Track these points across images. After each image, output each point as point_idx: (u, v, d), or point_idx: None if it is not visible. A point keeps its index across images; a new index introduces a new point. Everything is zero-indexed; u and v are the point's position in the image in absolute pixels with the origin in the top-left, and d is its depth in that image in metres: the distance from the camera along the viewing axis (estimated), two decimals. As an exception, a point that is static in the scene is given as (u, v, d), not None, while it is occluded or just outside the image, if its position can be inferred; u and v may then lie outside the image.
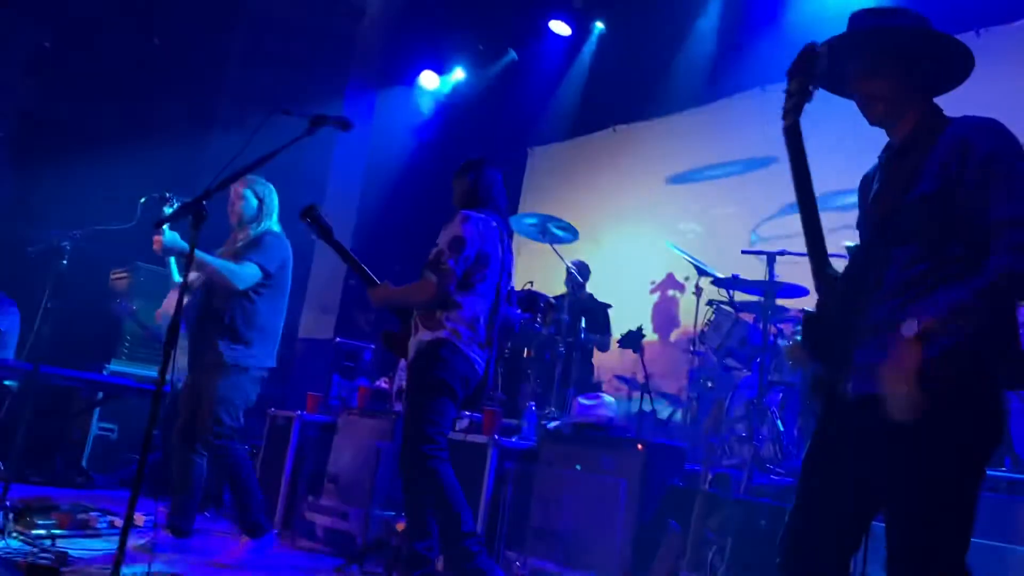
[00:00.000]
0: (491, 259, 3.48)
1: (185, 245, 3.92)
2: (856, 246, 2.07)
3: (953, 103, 2.04)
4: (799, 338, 2.13)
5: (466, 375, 3.40)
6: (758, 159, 6.72)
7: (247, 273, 3.93)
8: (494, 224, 3.54)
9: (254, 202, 4.15)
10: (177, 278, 4.20)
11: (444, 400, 3.35)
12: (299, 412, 5.14)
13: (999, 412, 1.80)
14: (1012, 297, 1.76)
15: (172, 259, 4.22)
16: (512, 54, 9.15)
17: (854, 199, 2.19)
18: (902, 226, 1.89)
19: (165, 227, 3.86)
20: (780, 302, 4.87)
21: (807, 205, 1.97)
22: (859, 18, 2.01)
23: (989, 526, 2.66)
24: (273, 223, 4.18)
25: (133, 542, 2.94)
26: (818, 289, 2.00)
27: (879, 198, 2.00)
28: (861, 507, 1.91)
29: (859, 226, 2.10)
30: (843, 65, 2.00)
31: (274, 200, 4.22)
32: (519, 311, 5.44)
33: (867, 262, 1.95)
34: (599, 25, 8.47)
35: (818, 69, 1.91)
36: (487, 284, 3.50)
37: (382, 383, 5.86)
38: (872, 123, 2.02)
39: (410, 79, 9.66)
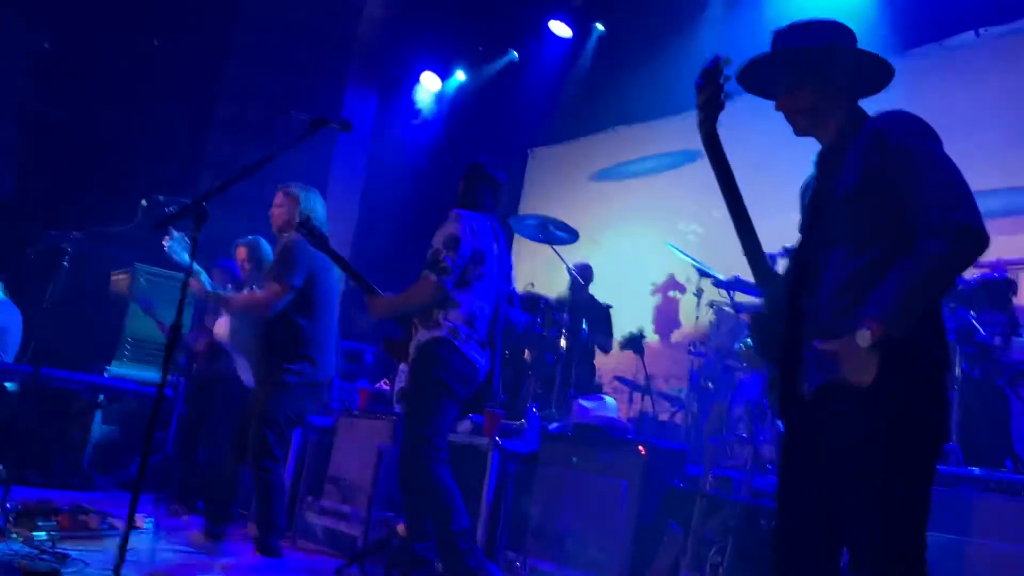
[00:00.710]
0: (487, 257, 3.48)
1: (211, 288, 4.09)
2: (795, 248, 2.11)
3: (956, 102, 2.07)
4: (750, 341, 2.18)
5: (466, 374, 3.37)
6: (759, 162, 6.71)
7: (269, 299, 3.86)
8: (486, 224, 3.54)
9: (289, 209, 4.05)
10: (207, 285, 4.15)
11: (442, 401, 3.33)
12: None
13: (940, 401, 1.84)
14: (947, 280, 1.82)
15: (204, 272, 4.18)
16: (513, 54, 9.15)
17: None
18: (832, 227, 1.95)
19: (202, 272, 4.01)
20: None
21: (737, 210, 2.05)
22: (779, 36, 2.09)
23: (993, 528, 2.66)
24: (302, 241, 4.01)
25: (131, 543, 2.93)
26: (762, 291, 2.07)
27: (812, 201, 2.09)
28: (834, 501, 1.92)
29: (800, 231, 2.15)
30: (767, 79, 2.10)
31: (312, 204, 4.07)
32: (522, 313, 5.43)
33: (805, 265, 2.01)
34: (599, 27, 8.47)
35: (725, 81, 1.96)
36: (485, 283, 3.48)
37: (383, 385, 5.86)
38: (798, 135, 2.12)
39: (410, 80, 9.66)
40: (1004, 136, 5.50)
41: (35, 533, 3.68)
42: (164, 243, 4.02)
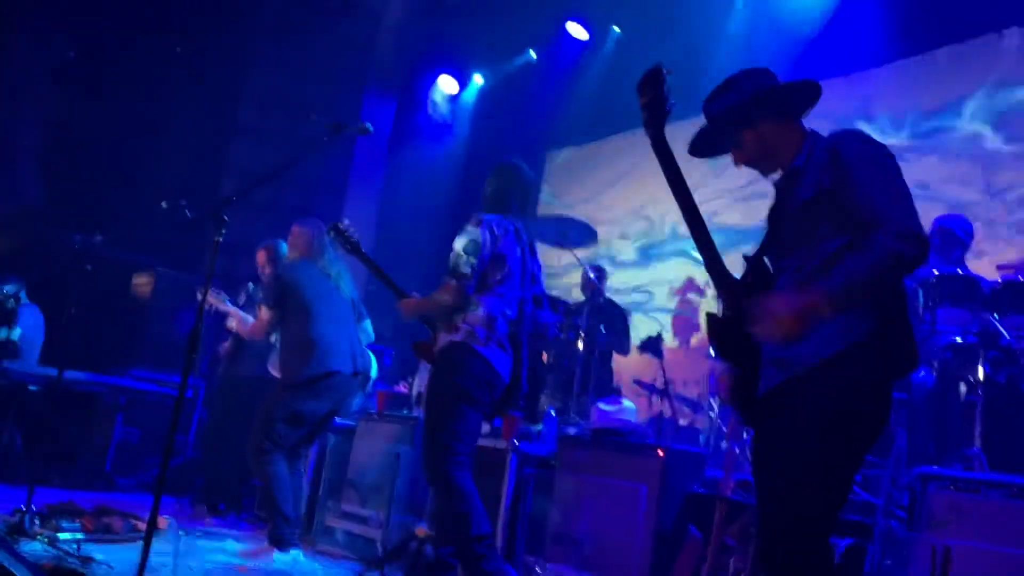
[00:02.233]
0: (507, 260, 3.45)
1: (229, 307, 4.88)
2: (752, 255, 2.21)
3: (980, 101, 2.09)
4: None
5: (486, 378, 3.32)
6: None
7: (260, 325, 4.41)
8: (509, 226, 3.50)
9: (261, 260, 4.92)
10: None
11: (460, 406, 3.29)
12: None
13: (873, 397, 1.92)
14: (890, 277, 1.88)
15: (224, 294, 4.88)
16: (531, 54, 9.15)
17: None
18: (788, 235, 2.08)
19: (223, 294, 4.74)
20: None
21: (690, 212, 2.15)
22: (707, 106, 2.25)
23: (1018, 534, 2.62)
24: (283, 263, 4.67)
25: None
26: (719, 295, 2.16)
27: (771, 214, 2.22)
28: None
29: (763, 247, 2.25)
30: (717, 145, 2.28)
31: (284, 249, 4.79)
32: (551, 314, 5.39)
33: (761, 270, 2.15)
34: (616, 29, 8.46)
35: (667, 88, 2.07)
36: (506, 285, 3.45)
37: (401, 387, 5.87)
38: (766, 176, 2.25)
39: (428, 84, 9.69)
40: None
41: (59, 535, 3.70)
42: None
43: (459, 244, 3.39)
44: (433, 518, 3.44)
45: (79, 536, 3.77)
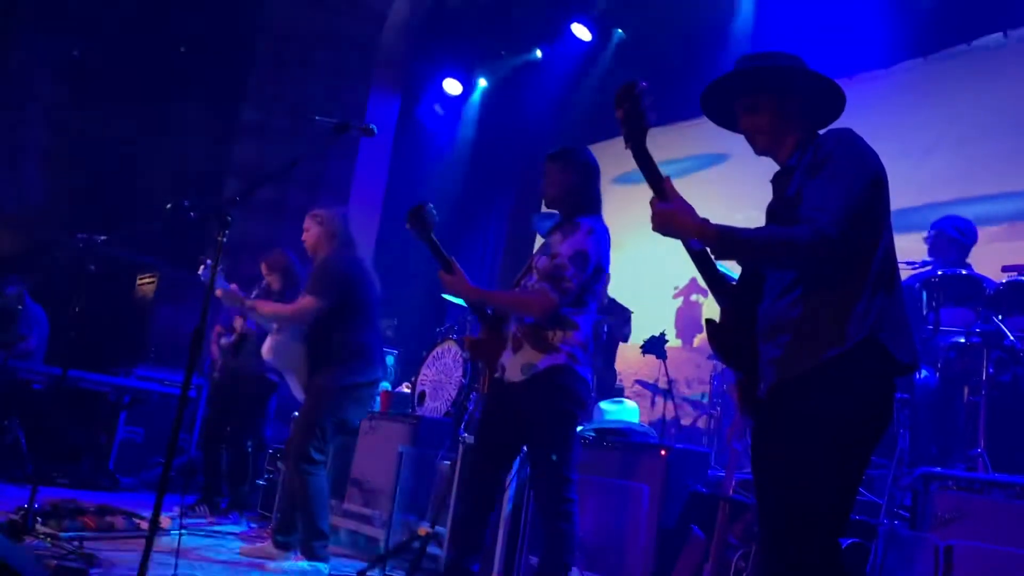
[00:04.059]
0: (603, 274, 3.22)
1: (238, 293, 4.15)
2: None
3: (983, 103, 2.08)
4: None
5: (585, 399, 3.12)
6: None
7: (300, 311, 3.96)
8: (607, 232, 3.26)
9: (315, 232, 4.14)
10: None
11: (574, 432, 3.08)
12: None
13: (873, 397, 1.92)
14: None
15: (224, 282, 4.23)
16: (536, 53, 9.14)
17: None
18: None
19: (221, 277, 4.00)
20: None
21: None
22: (741, 62, 2.21)
23: (1022, 535, 2.62)
24: (337, 248, 4.12)
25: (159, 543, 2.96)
26: (716, 298, 2.15)
27: (768, 211, 2.20)
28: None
29: None
30: (729, 102, 2.23)
31: (340, 225, 4.17)
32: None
33: (756, 272, 2.14)
34: (619, 32, 8.47)
35: (644, 103, 2.03)
36: (596, 301, 3.22)
37: (404, 388, 5.88)
38: (758, 153, 2.23)
39: (433, 85, 9.70)
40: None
41: (62, 533, 3.71)
42: (199, 273, 4.31)
43: (567, 252, 3.07)
44: (457, 524, 3.22)
45: (82, 535, 3.78)
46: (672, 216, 1.96)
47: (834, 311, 1.92)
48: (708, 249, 1.99)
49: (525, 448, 3.21)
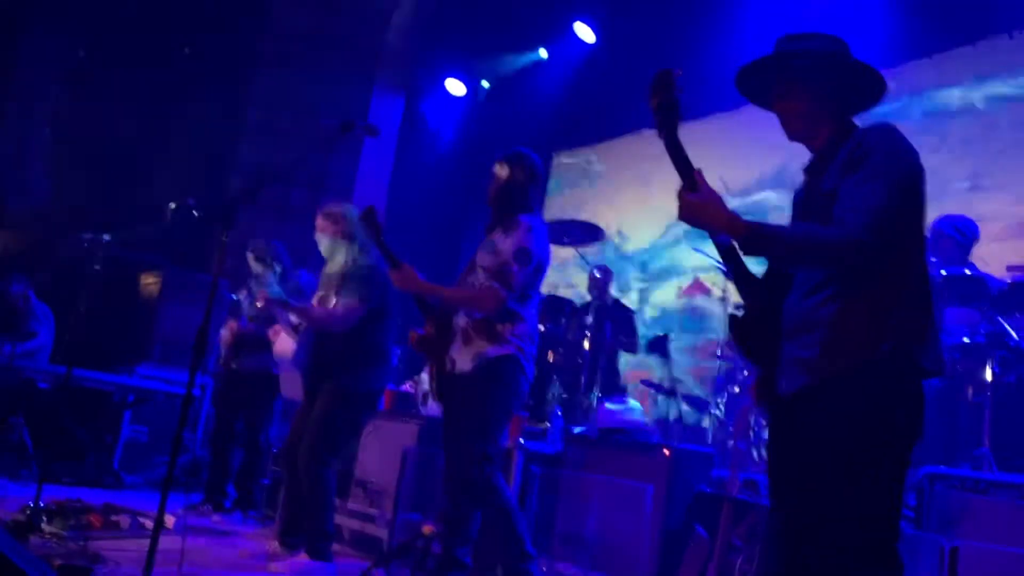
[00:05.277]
0: (544, 269, 3.34)
1: (288, 299, 4.03)
2: None
3: (984, 102, 2.06)
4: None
5: (524, 391, 3.28)
6: (783, 165, 6.67)
7: (347, 316, 3.87)
8: (546, 229, 3.38)
9: (331, 232, 4.07)
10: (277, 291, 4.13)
11: (505, 420, 3.25)
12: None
13: (908, 401, 1.87)
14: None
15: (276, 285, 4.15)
16: (540, 53, 9.14)
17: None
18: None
19: (273, 283, 3.95)
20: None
21: None
22: (783, 43, 2.14)
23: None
24: (363, 244, 4.04)
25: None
26: (740, 293, 2.11)
27: (799, 204, 2.15)
28: (804, 500, 1.94)
29: None
30: (766, 82, 2.15)
31: (357, 225, 4.04)
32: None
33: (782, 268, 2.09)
34: (620, 32, 8.46)
35: (678, 92, 1.98)
36: (537, 295, 3.37)
37: (407, 387, 5.88)
38: (791, 139, 2.15)
39: (436, 85, 9.71)
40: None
41: (67, 532, 3.72)
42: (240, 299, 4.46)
43: (509, 249, 3.22)
44: (447, 518, 3.34)
45: (87, 533, 3.78)
46: (702, 207, 1.91)
47: (867, 315, 1.87)
48: (736, 244, 1.94)
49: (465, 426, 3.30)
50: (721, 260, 2.06)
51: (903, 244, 1.90)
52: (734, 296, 5.68)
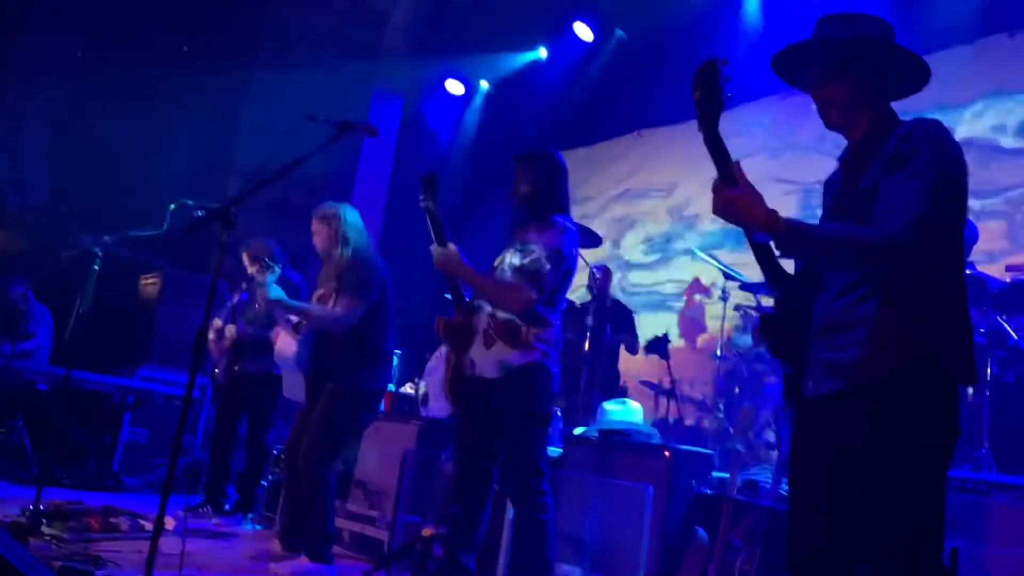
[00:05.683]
0: (572, 274, 3.25)
1: (288, 299, 3.98)
2: None
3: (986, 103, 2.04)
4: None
5: (555, 397, 3.20)
6: (780, 163, 6.66)
7: (347, 315, 3.86)
8: (577, 231, 3.30)
9: (324, 233, 4.06)
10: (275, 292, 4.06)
11: (545, 428, 3.16)
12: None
13: (949, 408, 1.81)
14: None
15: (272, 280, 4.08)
16: (539, 52, 9.14)
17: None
18: (846, 222, 1.92)
19: (272, 283, 3.91)
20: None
21: None
22: (823, 25, 2.05)
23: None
24: (358, 243, 4.05)
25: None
26: (771, 290, 2.05)
27: (835, 198, 2.05)
28: (841, 507, 1.90)
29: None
30: (804, 67, 2.07)
31: (350, 224, 4.08)
32: None
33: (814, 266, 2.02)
34: (619, 32, 8.47)
35: (724, 81, 1.89)
36: (563, 300, 3.28)
37: (408, 388, 5.87)
38: (828, 127, 2.07)
39: (435, 85, 9.70)
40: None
41: (67, 534, 3.72)
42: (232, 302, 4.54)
43: (543, 250, 3.10)
44: (458, 523, 3.22)
45: (87, 536, 3.78)
46: (741, 202, 1.84)
47: (903, 318, 1.82)
48: (772, 243, 1.88)
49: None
50: (755, 257, 1.99)
51: (944, 247, 1.84)
52: (733, 296, 5.68)
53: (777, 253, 1.93)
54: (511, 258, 3.20)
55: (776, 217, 1.81)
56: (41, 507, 3.79)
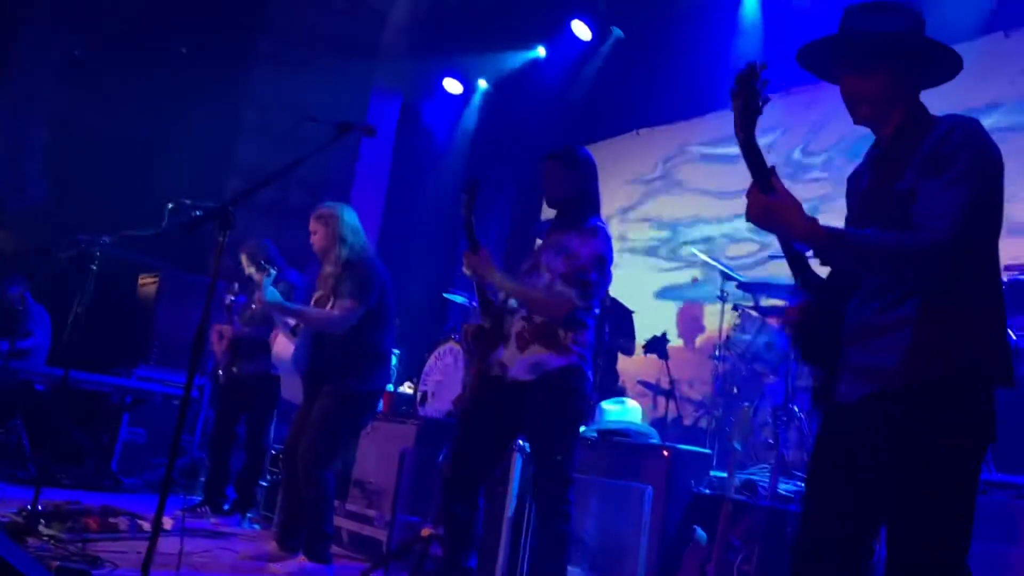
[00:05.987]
0: (610, 279, 3.19)
1: (285, 302, 3.99)
2: None
3: (981, 101, 2.03)
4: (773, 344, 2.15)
5: (591, 401, 3.19)
6: (778, 163, 6.66)
7: (345, 317, 3.85)
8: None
9: (322, 234, 4.05)
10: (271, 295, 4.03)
11: (578, 433, 3.09)
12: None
13: (988, 412, 1.80)
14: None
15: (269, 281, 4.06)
16: (538, 51, 9.13)
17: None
18: (885, 226, 1.85)
19: (268, 285, 3.91)
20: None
21: None
22: (853, 17, 2.00)
23: None
24: (356, 244, 4.04)
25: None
26: (802, 292, 2.01)
27: (866, 198, 2.00)
28: (864, 512, 1.89)
29: (847, 224, 2.08)
30: (832, 59, 2.01)
31: (347, 218, 4.06)
32: None
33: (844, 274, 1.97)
34: (618, 30, 8.46)
35: (762, 86, 1.84)
36: (599, 304, 3.24)
37: (406, 388, 5.88)
38: (856, 123, 2.02)
39: (433, 85, 9.70)
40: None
41: (65, 534, 3.71)
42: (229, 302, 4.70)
43: (588, 254, 3.04)
44: (459, 525, 3.16)
45: (85, 536, 3.78)
46: (780, 210, 1.78)
47: (941, 323, 1.79)
48: (811, 251, 1.83)
49: (528, 447, 3.20)
50: (788, 263, 1.96)
51: (984, 251, 1.82)
52: (732, 295, 5.68)
53: (818, 261, 1.89)
54: (549, 260, 3.12)
55: (816, 225, 1.77)
56: (39, 507, 3.78)
